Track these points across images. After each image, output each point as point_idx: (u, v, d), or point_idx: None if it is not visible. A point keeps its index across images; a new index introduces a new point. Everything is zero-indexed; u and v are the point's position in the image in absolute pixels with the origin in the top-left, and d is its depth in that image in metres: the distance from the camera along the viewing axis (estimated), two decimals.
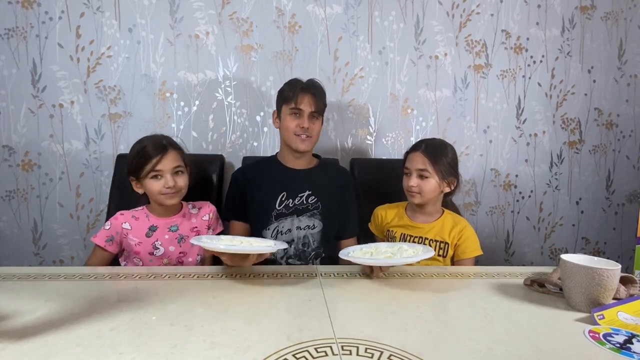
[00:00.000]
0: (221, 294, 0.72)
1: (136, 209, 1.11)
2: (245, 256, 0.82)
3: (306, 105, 1.12)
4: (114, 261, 1.10)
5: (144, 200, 1.12)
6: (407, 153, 1.16)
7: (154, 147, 1.03)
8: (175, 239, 1.09)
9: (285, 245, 0.89)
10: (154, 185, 1.03)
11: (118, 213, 1.09)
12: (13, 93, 1.49)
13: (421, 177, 1.09)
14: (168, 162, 1.03)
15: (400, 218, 1.18)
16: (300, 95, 1.12)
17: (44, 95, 1.50)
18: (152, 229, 1.07)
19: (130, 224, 1.07)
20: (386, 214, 1.22)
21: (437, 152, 1.10)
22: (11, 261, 1.53)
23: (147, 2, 1.51)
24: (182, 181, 1.06)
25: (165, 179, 1.02)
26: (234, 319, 0.61)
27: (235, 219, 1.19)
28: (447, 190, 1.13)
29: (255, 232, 1.16)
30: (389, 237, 1.18)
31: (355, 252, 0.89)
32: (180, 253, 1.09)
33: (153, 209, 1.10)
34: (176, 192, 1.04)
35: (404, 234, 1.15)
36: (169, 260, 1.08)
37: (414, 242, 1.13)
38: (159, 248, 1.06)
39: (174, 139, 1.12)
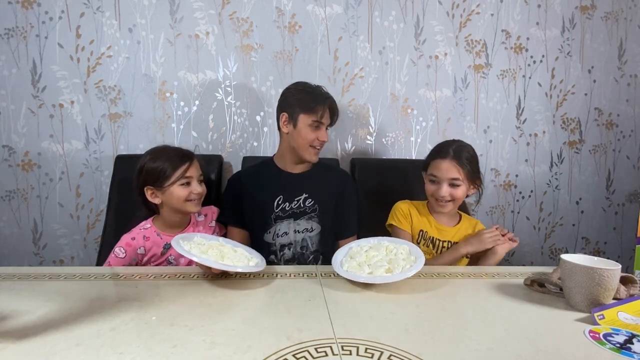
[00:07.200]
0: (221, 294, 0.72)
1: (142, 226, 1.07)
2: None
3: (326, 118, 1.13)
4: None
5: (143, 206, 1.09)
6: (432, 158, 1.10)
7: (180, 155, 1.05)
8: None
9: (257, 269, 0.80)
10: (181, 192, 1.02)
11: (127, 237, 1.04)
12: (13, 93, 1.49)
13: (452, 185, 1.06)
14: (195, 170, 1.06)
15: (427, 219, 1.14)
16: (323, 108, 1.11)
17: (44, 95, 1.50)
18: (167, 246, 1.06)
19: (145, 246, 1.04)
20: (413, 211, 1.16)
21: (465, 157, 1.06)
22: (11, 261, 1.53)
23: (147, 2, 1.51)
24: (204, 189, 1.08)
25: (193, 186, 1.04)
26: (234, 319, 0.61)
27: (232, 224, 1.17)
28: (472, 192, 1.11)
29: (256, 236, 1.15)
30: (422, 238, 1.13)
31: (349, 263, 0.83)
32: (189, 261, 1.10)
33: (163, 222, 1.07)
34: (200, 198, 1.06)
35: (433, 238, 1.12)
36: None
37: (443, 246, 1.11)
38: (172, 262, 1.07)
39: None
